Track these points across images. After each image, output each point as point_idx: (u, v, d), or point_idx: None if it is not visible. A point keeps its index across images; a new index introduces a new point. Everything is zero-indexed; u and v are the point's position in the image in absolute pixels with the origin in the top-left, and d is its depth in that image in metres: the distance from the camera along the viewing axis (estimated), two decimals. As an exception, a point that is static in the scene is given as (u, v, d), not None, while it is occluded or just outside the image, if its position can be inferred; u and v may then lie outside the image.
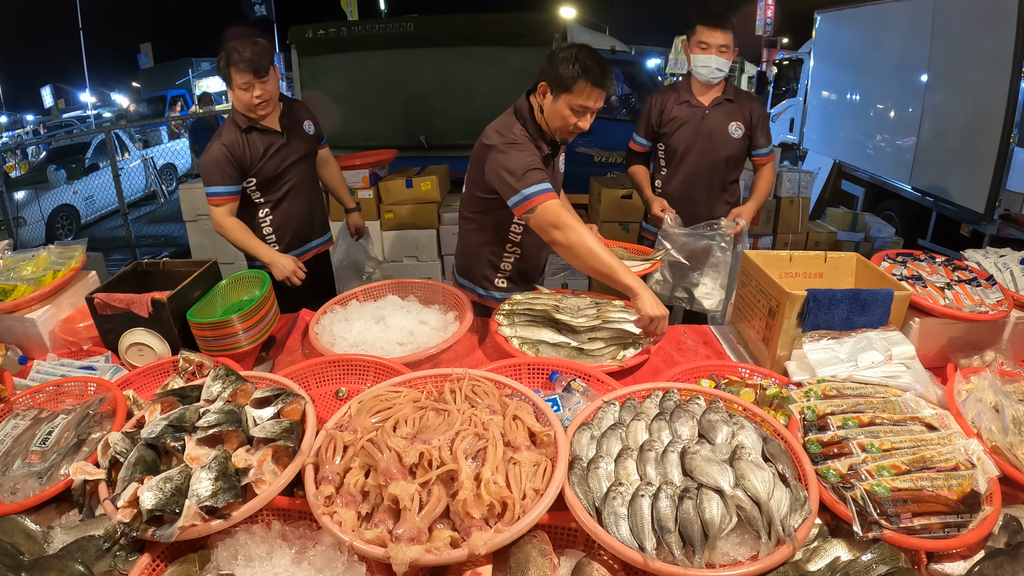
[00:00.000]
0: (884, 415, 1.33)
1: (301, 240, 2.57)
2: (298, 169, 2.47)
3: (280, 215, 2.48)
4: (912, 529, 1.10)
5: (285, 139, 2.39)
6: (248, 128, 2.31)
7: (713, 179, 2.59)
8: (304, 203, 2.53)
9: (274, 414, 1.29)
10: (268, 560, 1.11)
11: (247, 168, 2.33)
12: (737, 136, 2.51)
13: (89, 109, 20.63)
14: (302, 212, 2.53)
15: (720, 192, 2.63)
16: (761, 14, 16.29)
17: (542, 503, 1.08)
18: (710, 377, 1.63)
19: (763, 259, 1.86)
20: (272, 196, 2.43)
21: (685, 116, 2.52)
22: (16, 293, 1.89)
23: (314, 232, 2.64)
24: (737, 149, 2.55)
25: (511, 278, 2.17)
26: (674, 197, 2.60)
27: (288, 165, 2.42)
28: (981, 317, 1.64)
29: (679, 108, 2.53)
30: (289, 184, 2.45)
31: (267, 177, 2.39)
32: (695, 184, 2.59)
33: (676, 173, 2.61)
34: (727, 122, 2.50)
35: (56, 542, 1.18)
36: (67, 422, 1.40)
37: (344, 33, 4.65)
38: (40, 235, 7.25)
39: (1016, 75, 3.83)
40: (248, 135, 2.31)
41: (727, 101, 2.50)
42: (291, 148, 2.42)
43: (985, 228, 4.18)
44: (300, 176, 2.49)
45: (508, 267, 2.15)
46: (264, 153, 2.34)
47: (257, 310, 1.80)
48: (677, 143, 2.55)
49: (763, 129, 2.54)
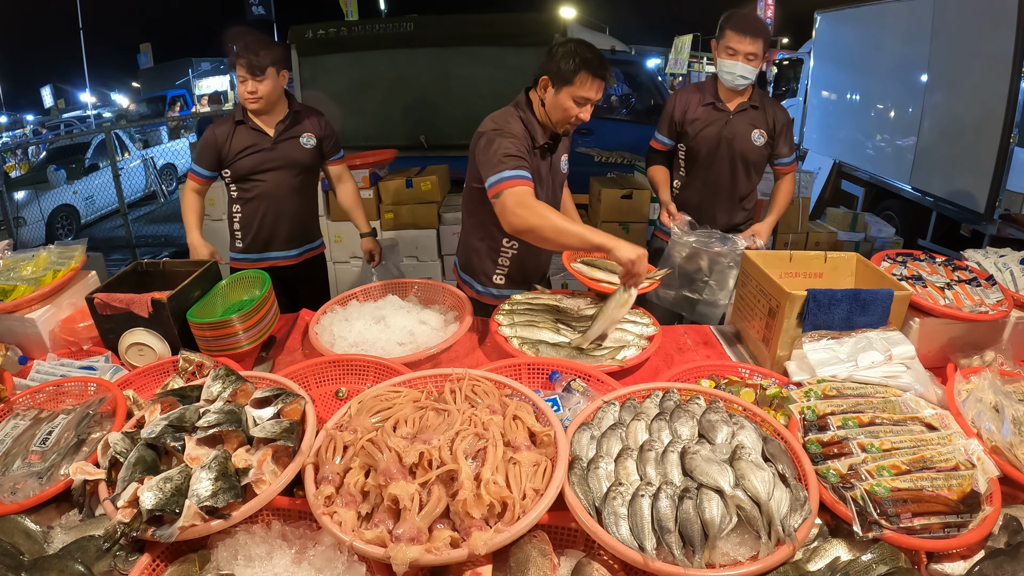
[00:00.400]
0: (884, 415, 1.33)
1: (260, 246, 2.53)
2: (277, 176, 2.44)
3: (246, 215, 2.49)
4: (912, 529, 1.10)
5: (271, 143, 2.39)
6: (240, 121, 2.37)
7: (733, 185, 2.55)
8: (274, 211, 2.49)
9: (274, 414, 1.29)
10: (268, 560, 1.11)
11: (223, 158, 2.38)
12: (759, 144, 2.48)
13: (89, 109, 20.65)
14: (268, 219, 2.49)
15: (739, 199, 2.60)
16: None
17: (542, 503, 1.08)
18: (710, 377, 1.63)
19: (763, 259, 1.86)
20: (244, 194, 2.46)
21: (709, 119, 2.48)
22: (16, 293, 1.89)
23: (276, 243, 2.55)
24: (758, 157, 2.51)
25: (510, 275, 2.17)
26: (692, 201, 2.57)
27: (266, 169, 2.41)
28: (981, 317, 1.64)
29: (703, 110, 2.49)
30: (261, 188, 2.44)
31: (240, 174, 2.41)
32: (714, 189, 2.55)
33: (695, 177, 2.58)
34: (750, 129, 2.46)
35: (56, 542, 1.18)
36: (67, 422, 1.39)
37: (344, 33, 4.65)
38: (40, 235, 7.25)
39: (1016, 75, 3.82)
40: (237, 127, 2.37)
41: (752, 108, 2.46)
42: (275, 153, 2.41)
43: (985, 228, 4.18)
44: (277, 184, 2.45)
45: (506, 263, 2.15)
46: (244, 149, 2.37)
47: (257, 310, 1.80)
48: (699, 146, 2.52)
49: (786, 138, 2.50)
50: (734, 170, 2.52)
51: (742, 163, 2.51)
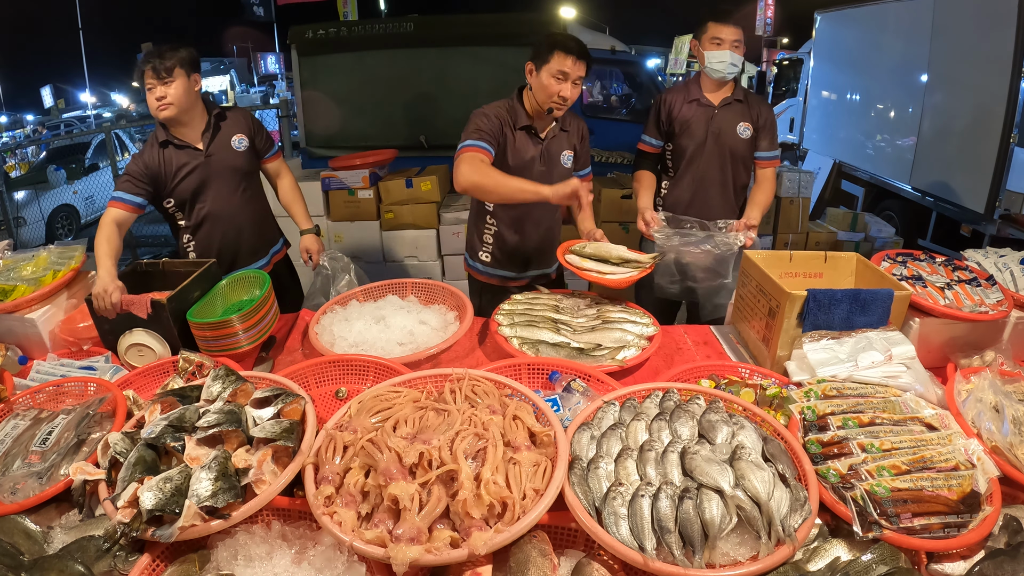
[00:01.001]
0: (884, 415, 1.33)
1: (227, 267, 2.27)
2: (219, 190, 2.25)
3: (201, 242, 2.30)
4: (912, 529, 1.10)
5: (204, 156, 2.20)
6: (164, 142, 2.15)
7: (724, 181, 2.55)
8: (231, 229, 2.31)
9: (274, 414, 1.29)
10: (268, 560, 1.11)
11: (161, 186, 2.17)
12: (746, 137, 2.49)
13: (89, 109, 20.65)
14: (227, 238, 2.31)
15: (731, 194, 2.59)
16: (761, 14, 16.29)
17: (542, 503, 1.08)
18: (710, 377, 1.63)
19: (763, 259, 1.86)
20: (192, 220, 2.26)
21: (694, 115, 2.50)
22: (16, 293, 1.89)
23: (242, 259, 2.37)
24: (746, 150, 2.52)
25: (494, 254, 2.35)
26: (684, 199, 2.57)
27: (207, 186, 2.23)
28: (981, 317, 1.64)
29: (688, 107, 2.51)
30: (208, 208, 2.25)
31: (183, 198, 2.22)
32: (705, 185, 2.55)
33: (685, 174, 2.58)
34: (736, 122, 2.48)
35: (56, 542, 1.18)
36: (67, 422, 1.39)
37: (344, 33, 4.66)
38: (40, 235, 7.25)
39: (1016, 75, 3.82)
40: (164, 150, 2.15)
41: (737, 101, 2.48)
42: (211, 167, 2.21)
43: (985, 228, 4.18)
44: (222, 199, 2.27)
45: (490, 240, 2.34)
46: (179, 170, 2.17)
47: (257, 310, 1.80)
48: (686, 143, 2.53)
49: (768, 131, 2.51)
50: (723, 164, 2.53)
51: (731, 157, 2.52)
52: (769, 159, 2.53)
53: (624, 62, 6.21)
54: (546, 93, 2.03)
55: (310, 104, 4.78)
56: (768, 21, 16.52)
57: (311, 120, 4.84)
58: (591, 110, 5.81)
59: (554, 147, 2.19)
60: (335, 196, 4.16)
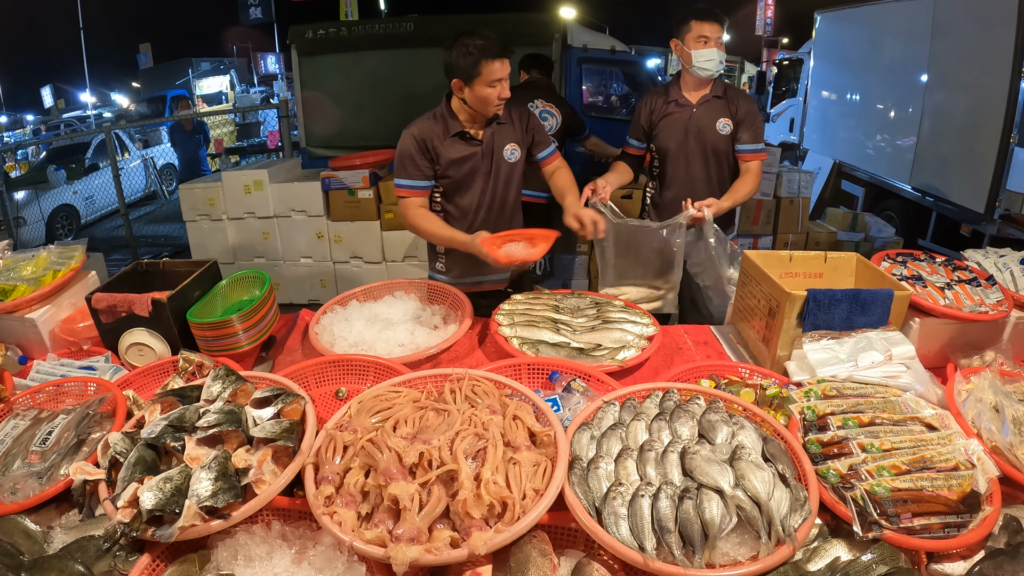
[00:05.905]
0: (884, 415, 1.33)
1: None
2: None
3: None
4: (912, 529, 1.10)
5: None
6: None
7: (709, 179, 2.55)
8: None
9: (274, 414, 1.29)
10: (268, 560, 1.11)
11: None
12: (725, 133, 2.48)
13: (89, 109, 20.64)
14: None
15: (719, 192, 2.58)
16: (761, 14, 16.31)
17: (542, 503, 1.08)
18: (710, 377, 1.63)
19: (763, 259, 1.86)
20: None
21: (673, 115, 2.51)
22: (16, 293, 1.89)
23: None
24: (727, 146, 2.52)
25: (446, 263, 2.33)
26: (671, 200, 2.57)
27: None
28: (981, 317, 1.64)
29: (667, 107, 2.53)
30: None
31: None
32: (691, 184, 2.55)
33: (670, 175, 2.59)
34: (715, 119, 2.47)
35: (56, 542, 1.18)
36: (67, 422, 1.40)
37: (344, 33, 4.66)
38: (40, 235, 7.25)
39: (1016, 75, 3.82)
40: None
41: (716, 98, 2.48)
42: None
43: (985, 228, 4.18)
44: None
45: (442, 251, 2.32)
46: None
47: (257, 310, 1.80)
48: (667, 142, 2.54)
49: (749, 125, 2.48)
50: (706, 162, 2.53)
51: (713, 154, 2.51)
52: (751, 152, 2.49)
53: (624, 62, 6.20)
54: (486, 103, 2.02)
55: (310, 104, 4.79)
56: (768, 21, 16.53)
57: (311, 120, 4.85)
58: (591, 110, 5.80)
59: (496, 143, 2.14)
60: (335, 196, 4.17)
